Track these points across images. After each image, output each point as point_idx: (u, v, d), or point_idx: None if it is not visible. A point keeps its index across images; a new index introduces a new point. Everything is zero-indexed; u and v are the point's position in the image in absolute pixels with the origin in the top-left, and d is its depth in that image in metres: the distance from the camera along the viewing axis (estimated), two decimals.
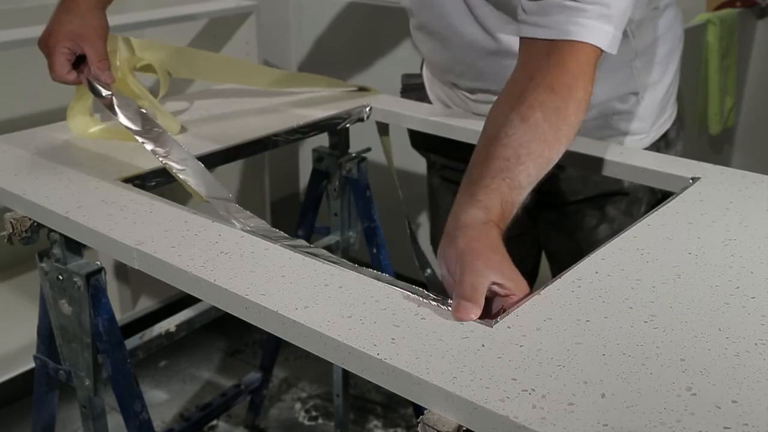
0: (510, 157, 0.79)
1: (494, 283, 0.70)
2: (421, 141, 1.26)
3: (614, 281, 0.72)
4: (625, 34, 0.99)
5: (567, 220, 1.16)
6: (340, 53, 2.15)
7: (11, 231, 0.94)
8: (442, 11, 1.03)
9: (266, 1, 2.07)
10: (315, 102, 1.29)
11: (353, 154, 1.38)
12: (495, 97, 1.06)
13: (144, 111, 0.99)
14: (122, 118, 0.98)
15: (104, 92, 0.99)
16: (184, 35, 2.12)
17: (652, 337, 0.63)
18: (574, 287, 0.71)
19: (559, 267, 1.24)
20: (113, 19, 1.07)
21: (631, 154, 1.05)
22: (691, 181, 0.95)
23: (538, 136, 0.80)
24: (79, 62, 1.03)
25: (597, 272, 0.73)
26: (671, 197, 0.91)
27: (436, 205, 1.34)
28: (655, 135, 1.11)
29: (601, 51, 0.83)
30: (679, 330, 0.64)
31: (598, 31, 0.82)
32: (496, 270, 0.71)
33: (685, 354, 0.61)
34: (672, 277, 0.72)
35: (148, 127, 0.96)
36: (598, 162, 1.04)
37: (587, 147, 1.06)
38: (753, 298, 0.69)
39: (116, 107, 0.98)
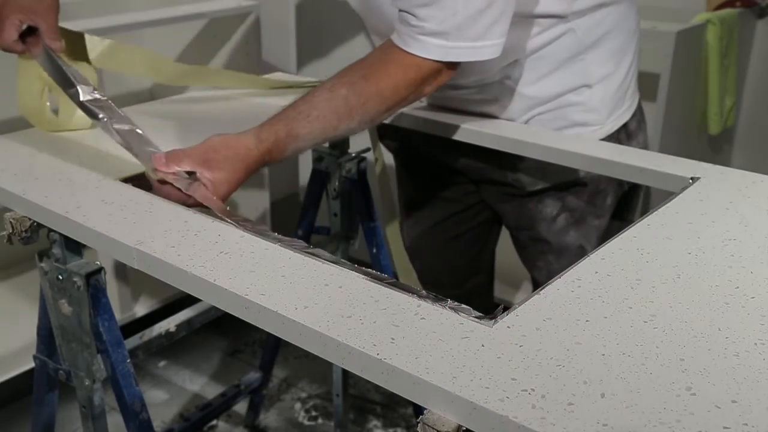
0: (303, 111, 0.96)
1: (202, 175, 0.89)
2: (384, 131, 1.29)
3: (614, 281, 0.72)
4: (570, 28, 1.05)
5: (528, 209, 1.18)
6: (340, 53, 2.15)
7: (11, 231, 0.93)
8: (382, 12, 1.05)
9: (267, 1, 2.07)
10: None
11: (353, 154, 1.38)
12: (454, 92, 1.08)
13: (140, 132, 0.99)
14: (119, 140, 0.98)
15: (100, 114, 0.99)
16: (184, 35, 2.12)
17: (652, 337, 0.63)
18: (574, 287, 0.71)
19: (525, 255, 1.26)
20: (113, 20, 1.08)
21: (630, 154, 1.05)
22: (690, 181, 0.95)
23: (334, 107, 0.96)
24: (24, 36, 1.06)
25: (597, 272, 0.73)
26: (671, 197, 0.91)
27: (400, 190, 1.38)
28: (612, 126, 1.13)
29: (436, 62, 0.95)
30: (678, 330, 0.64)
31: (429, 45, 0.94)
32: (208, 163, 0.90)
33: (685, 354, 0.61)
34: (672, 277, 0.72)
35: (144, 147, 0.97)
36: (596, 161, 1.04)
37: (586, 147, 1.06)
38: (753, 298, 0.69)
39: (113, 130, 0.98)
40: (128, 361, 1.02)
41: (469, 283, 1.38)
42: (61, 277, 0.97)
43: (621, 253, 0.77)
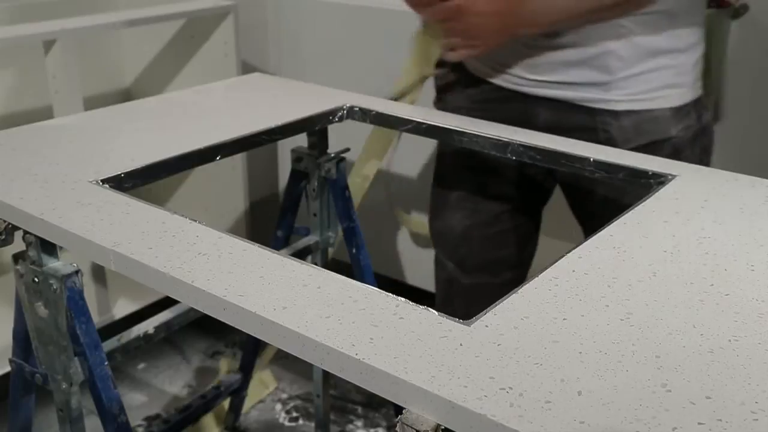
0: None
1: None
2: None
3: (591, 279, 0.72)
4: None
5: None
6: (320, 55, 2.15)
7: None
8: None
9: (245, 1, 2.07)
10: (293, 102, 1.29)
11: (332, 155, 1.38)
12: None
13: None
14: None
15: None
16: (161, 36, 2.11)
17: (628, 335, 0.63)
18: (551, 286, 0.71)
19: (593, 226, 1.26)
20: (90, 20, 1.06)
21: (605, 152, 1.05)
22: (670, 177, 0.96)
23: None
24: None
25: (574, 270, 0.74)
26: (647, 195, 0.91)
27: (439, 178, 1.36)
28: (694, 94, 1.18)
29: None
30: (654, 327, 0.65)
31: None
32: None
33: (660, 351, 0.61)
34: (648, 275, 0.73)
35: None
36: (585, 160, 1.05)
37: (572, 145, 1.07)
38: (727, 295, 0.70)
39: None
40: (106, 363, 1.01)
41: (504, 275, 1.38)
42: (37, 280, 0.96)
43: (597, 251, 0.78)
